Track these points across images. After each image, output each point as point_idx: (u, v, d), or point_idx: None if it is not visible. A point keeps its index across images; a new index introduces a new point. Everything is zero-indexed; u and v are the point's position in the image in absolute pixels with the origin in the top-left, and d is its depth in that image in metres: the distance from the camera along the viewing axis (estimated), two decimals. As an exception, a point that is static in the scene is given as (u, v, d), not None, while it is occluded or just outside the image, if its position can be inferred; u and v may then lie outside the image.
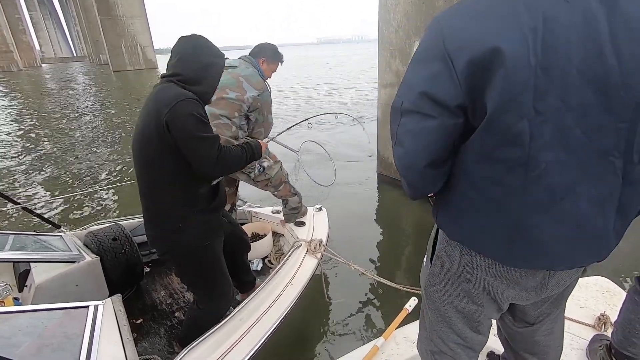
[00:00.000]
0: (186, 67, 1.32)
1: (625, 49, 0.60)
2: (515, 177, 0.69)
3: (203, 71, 1.33)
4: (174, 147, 1.25)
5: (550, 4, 0.60)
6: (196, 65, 1.32)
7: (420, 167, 0.76)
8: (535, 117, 0.63)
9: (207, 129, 1.27)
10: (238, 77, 2.10)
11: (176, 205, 1.36)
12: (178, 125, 1.21)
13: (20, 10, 56.63)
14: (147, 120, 1.28)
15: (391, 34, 3.88)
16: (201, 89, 1.33)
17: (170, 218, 1.37)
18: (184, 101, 1.22)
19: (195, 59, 1.32)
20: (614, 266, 2.59)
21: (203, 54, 1.34)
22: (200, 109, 1.27)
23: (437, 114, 0.68)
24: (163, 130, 1.22)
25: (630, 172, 0.69)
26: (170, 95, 1.24)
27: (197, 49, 1.34)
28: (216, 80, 1.39)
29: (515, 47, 0.60)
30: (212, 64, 1.35)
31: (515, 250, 0.76)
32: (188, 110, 1.22)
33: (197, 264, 1.48)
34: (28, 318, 1.22)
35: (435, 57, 0.67)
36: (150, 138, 1.27)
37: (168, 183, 1.33)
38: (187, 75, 1.31)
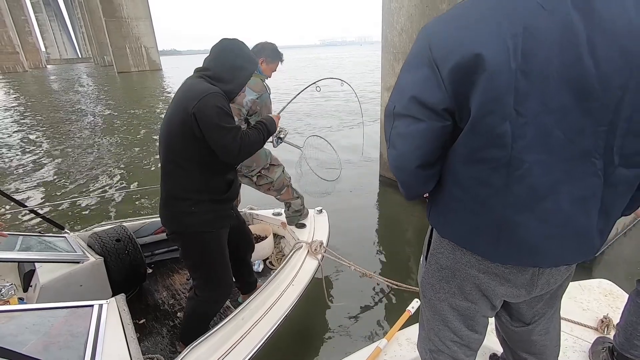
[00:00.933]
0: (218, 65, 1.43)
1: (602, 54, 0.62)
2: (500, 176, 0.72)
3: (232, 73, 1.44)
4: (199, 136, 1.36)
5: (529, 13, 0.63)
6: (227, 66, 1.43)
7: (412, 168, 0.79)
8: (517, 119, 0.66)
9: (231, 120, 1.38)
10: None
11: (192, 190, 1.46)
12: (205, 116, 1.32)
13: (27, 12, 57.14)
14: (176, 110, 1.39)
15: (394, 37, 3.89)
16: (228, 87, 1.43)
17: (184, 200, 1.46)
18: (212, 94, 1.33)
19: (228, 61, 1.44)
20: (617, 269, 2.59)
21: (236, 57, 1.45)
22: (225, 102, 1.38)
23: (426, 117, 0.72)
24: (190, 121, 1.33)
25: (611, 174, 0.71)
26: (199, 89, 1.36)
27: (232, 52, 1.45)
28: (243, 83, 1.49)
29: (496, 53, 0.63)
30: (243, 68, 1.46)
31: (502, 247, 0.78)
32: (214, 102, 1.33)
33: (201, 248, 1.55)
34: (34, 316, 1.23)
35: (423, 63, 0.70)
36: (177, 127, 1.38)
37: (188, 169, 1.43)
38: (218, 73, 1.42)
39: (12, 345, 0.98)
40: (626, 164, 0.71)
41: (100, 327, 1.26)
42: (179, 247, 1.59)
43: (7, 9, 42.21)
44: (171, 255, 2.57)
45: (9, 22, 41.96)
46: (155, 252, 2.51)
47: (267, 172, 2.33)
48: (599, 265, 2.65)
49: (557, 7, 0.62)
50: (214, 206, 1.51)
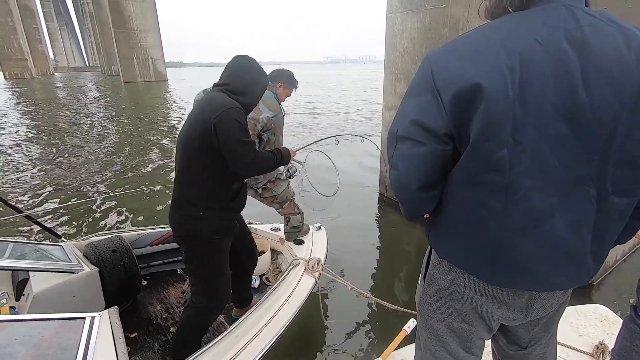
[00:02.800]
0: (236, 81, 1.54)
1: (595, 86, 0.66)
2: (497, 200, 0.74)
3: (250, 86, 1.55)
4: (216, 146, 1.43)
5: (526, 46, 0.67)
6: (245, 81, 1.54)
7: (413, 189, 0.81)
8: (514, 146, 0.69)
9: (247, 135, 1.46)
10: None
11: (202, 196, 1.53)
12: (224, 128, 1.40)
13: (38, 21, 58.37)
14: (196, 120, 1.47)
15: (397, 58, 3.97)
16: (246, 100, 1.54)
17: (194, 206, 1.53)
18: (232, 109, 1.42)
19: (245, 75, 1.55)
20: (615, 295, 2.56)
21: (252, 72, 1.57)
22: (243, 117, 1.46)
23: (427, 140, 0.75)
24: (210, 131, 1.41)
25: (605, 201, 0.73)
26: (221, 102, 1.45)
27: (248, 68, 1.57)
28: (259, 96, 1.61)
29: (494, 83, 0.66)
30: (258, 82, 1.58)
31: (498, 269, 0.80)
32: (234, 117, 1.42)
33: (204, 254, 1.60)
34: (25, 327, 1.21)
35: (426, 90, 0.74)
36: (196, 135, 1.45)
37: (201, 176, 1.51)
38: (236, 87, 1.53)
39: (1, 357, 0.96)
40: (619, 192, 0.73)
41: (91, 340, 1.24)
42: (183, 250, 1.63)
43: (19, 17, 43.14)
44: (167, 267, 2.55)
45: (20, 30, 42.83)
46: (151, 263, 2.49)
47: (272, 185, 2.35)
48: (597, 291, 2.63)
49: (552, 42, 0.67)
50: (220, 214, 1.58)
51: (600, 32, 0.67)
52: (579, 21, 0.68)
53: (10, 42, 42.21)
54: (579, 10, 0.69)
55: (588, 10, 0.70)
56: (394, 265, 3.19)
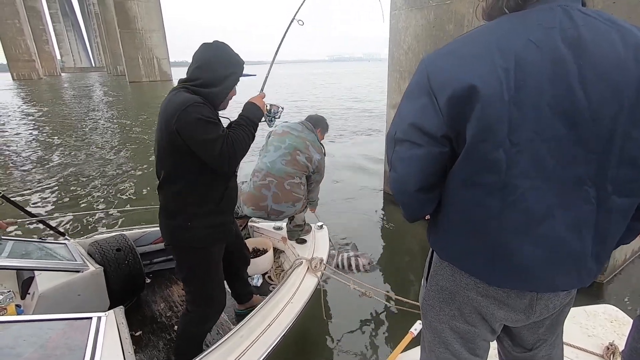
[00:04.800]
0: (205, 74, 1.37)
1: (592, 87, 0.66)
2: (495, 200, 0.74)
3: (221, 80, 1.39)
4: (187, 150, 1.33)
5: (521, 47, 0.67)
6: (215, 74, 1.37)
7: (412, 191, 0.82)
8: (510, 147, 0.69)
9: (214, 128, 1.31)
10: (305, 141, 2.31)
11: (187, 203, 1.44)
12: (187, 131, 1.29)
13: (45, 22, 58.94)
14: (160, 126, 1.37)
15: (401, 56, 3.94)
16: (216, 90, 1.38)
17: (181, 214, 1.45)
18: (190, 107, 1.28)
19: (215, 68, 1.37)
20: (625, 295, 2.52)
21: (223, 64, 1.39)
22: (205, 110, 1.31)
23: (424, 142, 0.75)
24: (176, 137, 1.30)
25: (605, 201, 0.73)
26: (177, 102, 1.30)
27: (217, 58, 1.39)
28: (231, 87, 1.44)
29: (489, 84, 0.67)
30: (232, 74, 1.41)
31: (498, 270, 0.80)
32: (194, 115, 1.28)
33: (195, 263, 1.54)
34: (32, 327, 1.22)
35: (422, 92, 0.74)
36: (164, 144, 1.36)
37: (181, 183, 1.41)
38: (206, 81, 1.37)
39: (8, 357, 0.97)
40: (619, 192, 0.72)
41: (98, 340, 1.24)
42: (174, 259, 1.59)
43: (27, 19, 43.60)
44: (170, 264, 2.56)
45: (27, 31, 43.28)
46: (154, 261, 2.50)
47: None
48: (606, 290, 2.59)
49: (547, 43, 0.67)
50: (210, 220, 1.49)
51: (597, 32, 0.66)
52: (575, 21, 0.67)
53: (17, 43, 42.67)
54: (575, 10, 0.69)
55: (584, 9, 0.70)
56: (398, 265, 3.17)
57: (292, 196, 2.25)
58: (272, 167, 2.24)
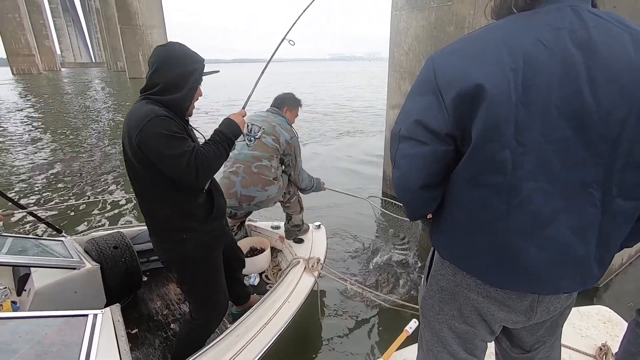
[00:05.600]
0: (163, 77, 1.28)
1: (602, 89, 0.65)
2: (501, 201, 0.73)
3: (182, 80, 1.29)
4: (154, 166, 1.25)
5: (530, 48, 0.66)
6: (175, 74, 1.28)
7: (415, 189, 0.81)
8: (516, 148, 0.68)
9: (177, 144, 1.22)
10: (271, 123, 2.23)
11: (176, 219, 1.39)
12: (149, 147, 1.21)
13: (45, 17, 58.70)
14: (125, 141, 1.29)
15: (402, 57, 3.94)
16: (180, 95, 1.30)
17: (173, 231, 1.40)
18: (150, 121, 1.20)
19: (174, 69, 1.28)
20: (621, 297, 2.53)
21: (181, 63, 1.29)
22: (168, 124, 1.22)
23: (429, 140, 0.75)
24: (138, 153, 1.23)
25: (610, 204, 0.72)
26: (138, 117, 1.22)
27: (174, 59, 1.29)
28: (196, 87, 1.35)
29: (497, 84, 0.66)
30: (192, 72, 1.31)
31: (502, 272, 0.80)
32: (155, 130, 1.20)
33: (197, 273, 1.51)
34: (28, 324, 1.22)
35: (428, 90, 0.73)
36: (132, 161, 1.29)
37: (161, 200, 1.35)
38: (169, 83, 1.28)
39: (4, 353, 0.97)
40: (624, 195, 0.72)
41: (94, 337, 1.24)
42: (174, 274, 1.55)
43: (27, 13, 43.42)
44: (168, 264, 2.56)
45: (27, 26, 43.12)
46: (151, 258, 2.49)
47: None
48: (603, 293, 2.60)
49: (557, 44, 0.66)
50: (204, 227, 1.44)
51: (607, 33, 0.66)
52: (585, 22, 0.66)
53: (17, 37, 42.52)
54: (585, 11, 0.68)
55: (594, 10, 0.69)
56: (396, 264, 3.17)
57: (260, 179, 2.16)
58: (240, 154, 2.21)
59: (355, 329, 2.33)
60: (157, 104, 1.27)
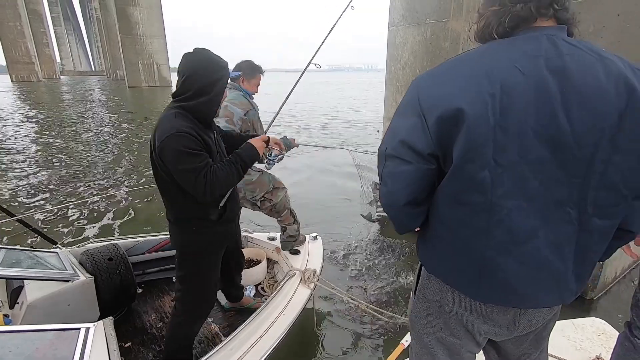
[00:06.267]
0: (192, 85, 1.36)
1: (575, 113, 0.69)
2: (480, 219, 0.77)
3: (210, 87, 1.37)
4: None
5: (507, 75, 0.70)
6: (202, 83, 1.36)
7: (400, 205, 0.85)
8: (495, 168, 0.72)
9: (191, 160, 1.30)
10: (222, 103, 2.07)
11: (190, 213, 1.49)
12: (167, 161, 1.32)
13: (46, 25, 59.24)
14: (151, 144, 1.40)
15: (398, 71, 4.01)
16: (207, 100, 1.38)
17: (186, 222, 1.51)
18: (171, 137, 1.28)
19: (201, 77, 1.36)
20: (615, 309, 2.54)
21: (208, 71, 1.37)
22: (186, 141, 1.29)
23: (413, 160, 0.78)
24: (159, 159, 1.35)
25: (586, 222, 0.76)
26: (164, 128, 1.31)
27: (201, 67, 1.36)
28: (222, 92, 1.44)
29: (476, 108, 0.70)
30: (219, 79, 1.40)
31: (483, 286, 0.83)
32: (174, 145, 1.28)
33: (196, 267, 1.59)
34: (19, 338, 1.22)
35: (413, 112, 0.77)
36: (155, 161, 1.40)
37: (179, 196, 1.44)
38: (195, 92, 1.36)
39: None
40: (600, 214, 0.76)
41: (86, 351, 1.24)
42: (176, 257, 1.60)
43: (28, 22, 43.80)
44: (162, 275, 2.54)
45: (28, 34, 43.46)
46: (147, 271, 2.48)
47: (270, 195, 2.34)
48: (597, 306, 2.61)
49: (533, 70, 0.70)
50: (214, 227, 1.54)
51: (581, 61, 0.70)
52: (560, 50, 0.71)
53: (18, 45, 42.80)
54: (560, 39, 0.73)
55: (569, 39, 0.73)
56: (392, 276, 3.17)
57: None
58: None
59: (352, 341, 2.32)
60: (184, 110, 1.37)
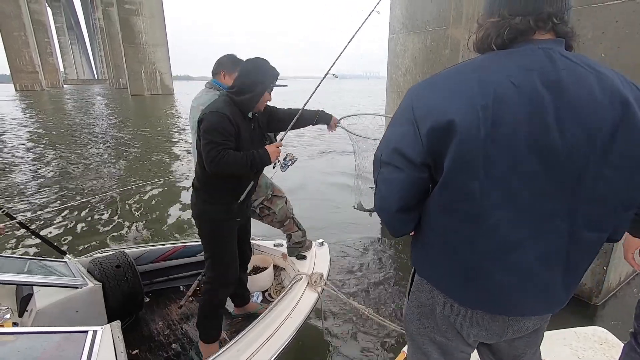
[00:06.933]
0: (238, 82, 1.71)
1: (568, 127, 0.70)
2: (469, 228, 0.79)
3: (250, 87, 1.69)
4: None
5: (500, 88, 0.71)
6: (247, 81, 1.69)
7: (392, 211, 0.87)
8: (485, 179, 0.73)
9: (215, 135, 1.59)
10: (199, 108, 2.02)
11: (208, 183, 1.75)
12: (202, 127, 1.62)
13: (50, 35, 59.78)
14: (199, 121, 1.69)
15: (399, 78, 4.05)
16: (245, 98, 1.69)
17: (205, 191, 1.77)
18: (213, 113, 1.61)
19: (245, 79, 1.71)
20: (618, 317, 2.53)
21: (251, 75, 1.71)
22: (220, 120, 1.60)
23: (405, 167, 0.80)
24: (198, 129, 1.65)
25: (575, 235, 0.77)
26: (211, 106, 1.67)
27: (249, 71, 1.72)
28: (261, 94, 1.72)
29: (467, 120, 0.71)
30: (260, 82, 1.71)
31: (470, 292, 0.85)
32: (211, 120, 1.61)
33: (212, 232, 1.83)
34: (27, 340, 1.23)
35: (407, 121, 0.79)
36: (198, 134, 1.68)
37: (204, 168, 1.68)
38: (239, 88, 1.69)
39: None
40: (589, 227, 0.77)
41: (93, 354, 1.24)
42: (196, 226, 1.85)
43: (32, 32, 44.29)
44: (170, 284, 2.55)
45: (32, 43, 43.88)
46: (154, 280, 2.50)
47: (269, 203, 2.36)
48: (600, 313, 2.60)
49: (526, 84, 0.70)
50: (226, 200, 1.77)
51: (576, 76, 0.71)
52: (556, 64, 0.72)
53: (22, 55, 43.21)
54: (557, 53, 0.73)
55: (566, 53, 0.74)
56: (398, 283, 3.17)
57: None
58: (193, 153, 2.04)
59: (357, 345, 2.32)
60: (230, 100, 1.69)
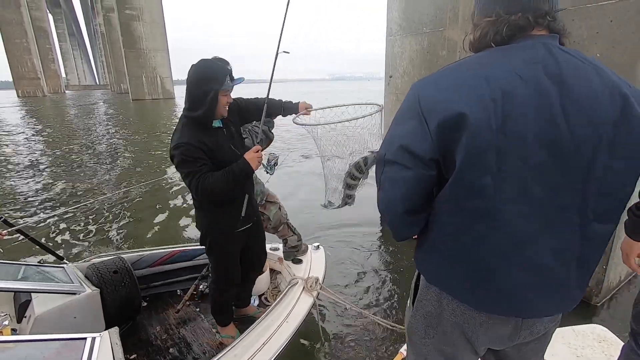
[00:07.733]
0: (189, 97, 1.57)
1: (573, 119, 0.69)
2: (482, 225, 0.76)
3: (200, 100, 1.54)
4: None
5: (507, 81, 0.70)
6: (197, 93, 1.54)
7: (398, 212, 0.83)
8: (497, 173, 0.71)
9: (190, 166, 1.56)
10: None
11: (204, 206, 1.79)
12: (174, 164, 1.61)
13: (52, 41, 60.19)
14: None
15: (397, 79, 4.06)
16: (203, 111, 1.55)
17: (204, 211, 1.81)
18: (176, 147, 1.56)
19: (193, 91, 1.55)
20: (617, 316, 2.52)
21: (199, 85, 1.53)
22: (185, 151, 1.54)
23: (413, 165, 0.77)
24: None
25: (587, 228, 0.76)
26: (173, 139, 1.60)
27: (193, 82, 1.54)
28: (215, 103, 1.56)
29: (478, 113, 0.69)
30: (208, 91, 1.52)
31: (483, 295, 0.81)
32: (176, 154, 1.56)
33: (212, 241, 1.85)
34: (27, 348, 1.24)
35: (413, 116, 0.77)
36: None
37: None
38: (192, 104, 1.57)
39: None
40: (599, 219, 0.75)
41: None
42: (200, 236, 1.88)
43: (34, 38, 44.61)
44: (167, 288, 2.56)
45: (34, 50, 44.19)
46: (152, 284, 2.51)
47: (262, 209, 2.37)
48: (600, 312, 2.59)
49: (532, 77, 0.70)
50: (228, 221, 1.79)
51: (576, 69, 0.71)
52: (556, 57, 0.72)
53: (24, 61, 43.51)
54: (555, 47, 0.73)
55: (563, 48, 0.75)
56: (394, 285, 3.17)
57: None
58: None
59: (353, 349, 2.31)
60: (188, 121, 1.60)
